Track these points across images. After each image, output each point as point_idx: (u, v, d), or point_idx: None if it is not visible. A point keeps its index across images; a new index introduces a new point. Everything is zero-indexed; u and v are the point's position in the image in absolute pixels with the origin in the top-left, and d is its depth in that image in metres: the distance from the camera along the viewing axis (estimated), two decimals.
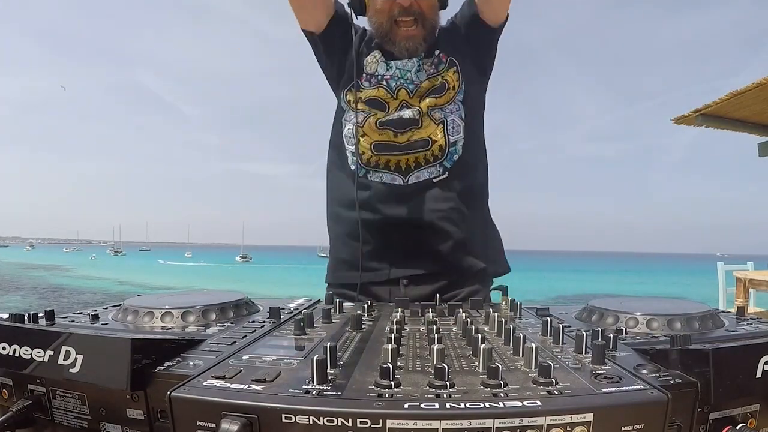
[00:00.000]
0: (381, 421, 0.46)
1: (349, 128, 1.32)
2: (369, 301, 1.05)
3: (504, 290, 1.19)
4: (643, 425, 0.49)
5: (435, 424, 0.46)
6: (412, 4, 1.24)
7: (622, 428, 0.48)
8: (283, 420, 0.47)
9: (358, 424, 0.46)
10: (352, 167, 1.32)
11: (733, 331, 0.80)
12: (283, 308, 1.01)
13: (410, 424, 0.46)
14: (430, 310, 0.91)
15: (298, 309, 1.06)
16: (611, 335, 0.70)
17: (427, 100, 1.28)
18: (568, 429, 0.47)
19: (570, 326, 0.85)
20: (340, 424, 0.46)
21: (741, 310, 0.95)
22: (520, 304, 1.03)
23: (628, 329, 0.82)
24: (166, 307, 0.87)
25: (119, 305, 0.94)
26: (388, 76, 1.30)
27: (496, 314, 0.83)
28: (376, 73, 1.31)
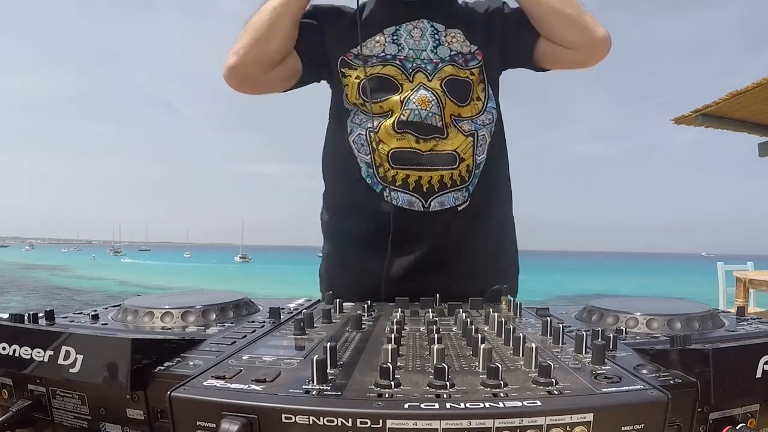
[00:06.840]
0: (381, 421, 0.46)
1: (360, 134, 1.10)
2: (369, 302, 1.04)
3: (504, 290, 1.19)
4: (643, 425, 0.49)
5: (435, 424, 0.46)
6: None
7: (622, 428, 0.48)
8: (283, 420, 0.47)
9: (358, 424, 0.46)
10: (368, 180, 1.11)
11: (733, 331, 0.80)
12: (283, 308, 1.01)
13: (410, 424, 0.46)
14: (430, 310, 0.91)
15: (298, 309, 1.06)
16: (611, 335, 0.70)
17: (450, 105, 1.07)
18: (568, 429, 0.47)
19: (570, 326, 0.85)
20: (340, 424, 0.46)
21: (741, 310, 0.95)
22: (520, 304, 1.03)
23: (628, 329, 0.82)
24: (166, 307, 0.87)
25: (119, 305, 0.94)
26: (402, 56, 1.08)
27: (496, 314, 0.83)
28: (384, 54, 1.09)
